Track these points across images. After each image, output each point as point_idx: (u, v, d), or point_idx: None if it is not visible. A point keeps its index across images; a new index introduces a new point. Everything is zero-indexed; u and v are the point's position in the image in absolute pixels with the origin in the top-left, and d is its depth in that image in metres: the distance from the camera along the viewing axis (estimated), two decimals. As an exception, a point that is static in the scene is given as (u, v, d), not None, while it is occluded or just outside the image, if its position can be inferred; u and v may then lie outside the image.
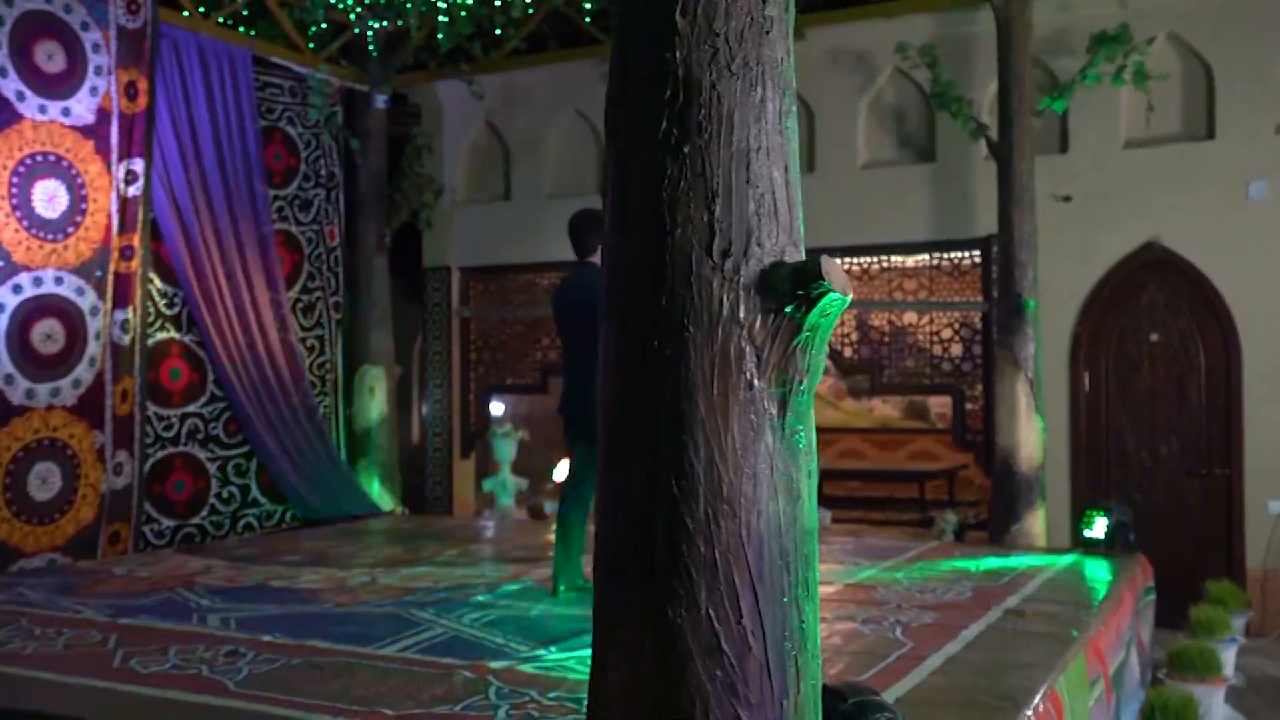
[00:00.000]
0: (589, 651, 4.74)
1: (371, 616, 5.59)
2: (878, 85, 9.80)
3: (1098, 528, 7.51)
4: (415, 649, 4.88)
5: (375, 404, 10.42)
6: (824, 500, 12.92)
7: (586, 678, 4.38)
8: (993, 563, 7.16)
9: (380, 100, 10.33)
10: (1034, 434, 8.08)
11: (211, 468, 9.10)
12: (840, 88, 9.90)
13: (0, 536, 7.51)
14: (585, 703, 4.10)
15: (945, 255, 9.63)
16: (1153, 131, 8.88)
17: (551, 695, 4.15)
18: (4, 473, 7.52)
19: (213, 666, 4.58)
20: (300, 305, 9.92)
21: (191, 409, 9.00)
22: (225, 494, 9.18)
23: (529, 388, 11.56)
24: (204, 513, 9.03)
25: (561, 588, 6.06)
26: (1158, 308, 8.81)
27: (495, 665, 4.57)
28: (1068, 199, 8.99)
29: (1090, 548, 7.56)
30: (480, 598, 6.07)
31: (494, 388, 11.69)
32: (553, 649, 4.87)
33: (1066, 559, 7.31)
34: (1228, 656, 6.32)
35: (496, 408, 13.50)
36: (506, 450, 11.36)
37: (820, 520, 8.55)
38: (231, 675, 4.44)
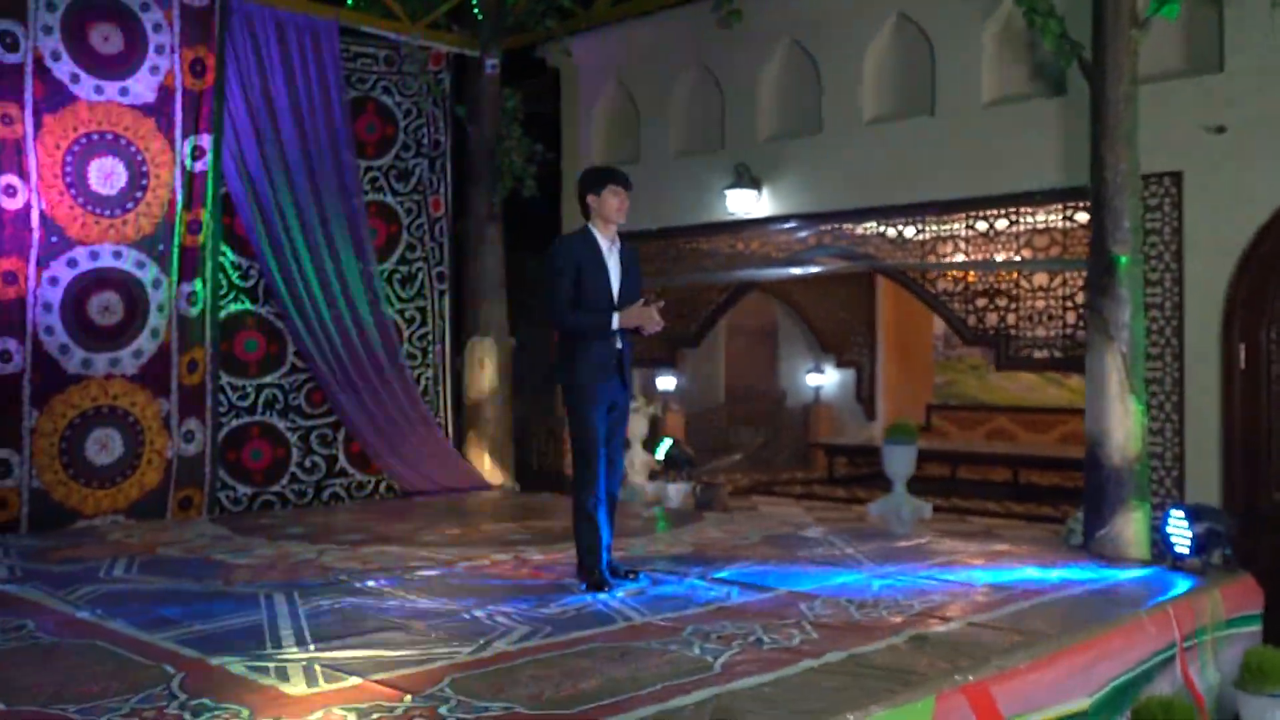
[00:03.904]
0: (339, 654, 4.27)
1: (229, 599, 5.31)
2: (1004, 8, 8.38)
3: (1182, 538, 6.01)
4: (186, 637, 4.54)
5: (485, 377, 10.19)
6: (997, 490, 11.44)
7: (276, 682, 3.90)
8: (1022, 574, 5.90)
9: (489, 65, 10.05)
10: (1128, 419, 6.58)
11: (292, 437, 9.20)
12: (961, 14, 8.57)
13: (57, 498, 7.91)
14: (224, 711, 3.63)
15: (1083, 204, 8.09)
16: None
17: (195, 701, 3.69)
18: (60, 438, 7.90)
19: (-31, 644, 4.47)
20: (398, 276, 9.85)
21: (269, 380, 9.13)
22: (308, 463, 9.27)
23: (656, 360, 10.96)
24: (284, 481, 9.15)
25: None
26: (1333, 262, 6.96)
27: (215, 662, 4.16)
28: (1221, 130, 7.28)
29: (1177, 562, 6.08)
30: (372, 583, 5.66)
31: (636, 360, 11.15)
32: (311, 646, 4.39)
33: (1125, 575, 5.92)
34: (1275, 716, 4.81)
35: (665, 382, 12.98)
36: (636, 427, 10.81)
37: (918, 513, 7.47)
38: (-36, 654, 4.31)
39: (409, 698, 3.72)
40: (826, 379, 14.45)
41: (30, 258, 7.78)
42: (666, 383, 13.05)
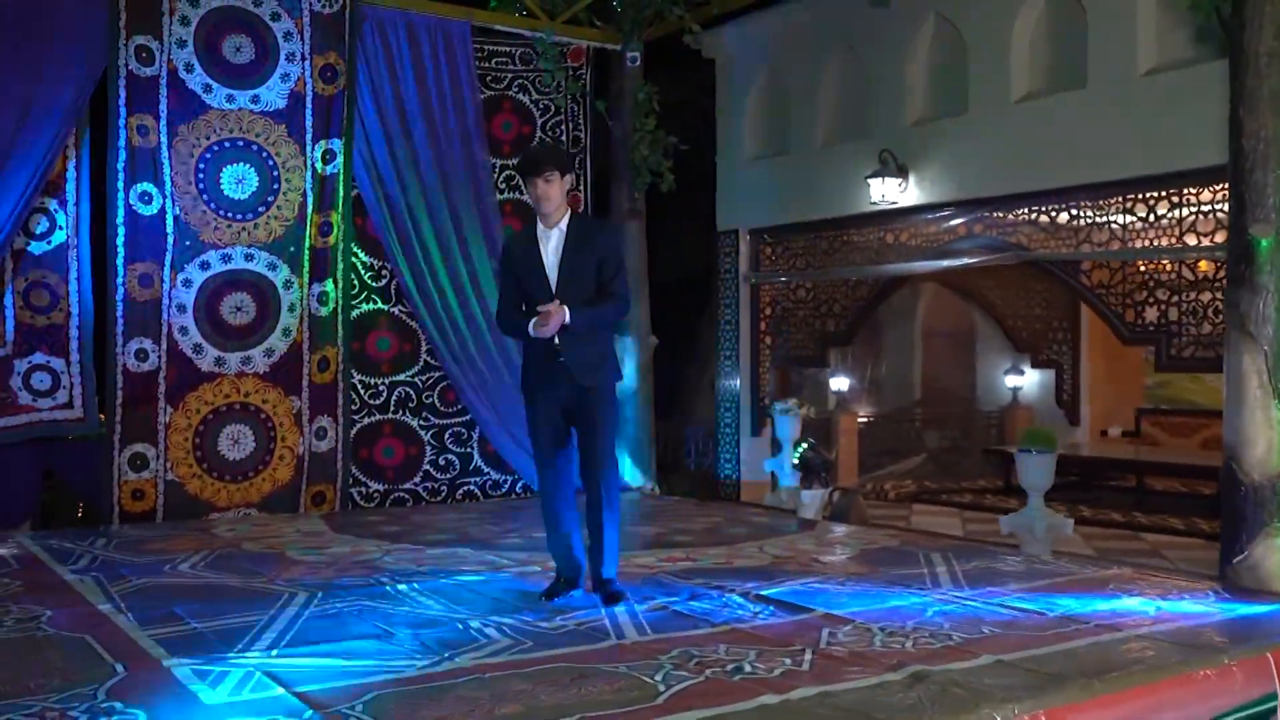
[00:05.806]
0: (294, 661, 4.15)
1: (252, 597, 5.32)
2: (1166, -37, 7.47)
3: (1318, 569, 5.11)
4: (172, 636, 4.55)
5: (626, 376, 9.97)
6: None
7: (205, 688, 3.82)
8: (1119, 605, 5.18)
9: (630, 58, 9.85)
10: (1271, 429, 5.67)
11: (425, 435, 9.28)
12: (1117, -26, 7.70)
13: (192, 491, 8.27)
14: (125, 716, 3.57)
15: (1255, 182, 7.07)
16: None
17: (107, 704, 3.65)
18: (194, 433, 8.25)
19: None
20: (534, 275, 9.77)
21: (401, 378, 9.23)
22: (441, 461, 9.33)
23: (809, 359, 10.44)
24: (417, 479, 9.24)
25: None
26: None
27: (167, 663, 4.13)
28: None
29: (1312, 597, 5.19)
30: (402, 586, 5.56)
31: (787, 359, 10.70)
32: (274, 651, 4.30)
33: (1253, 610, 5.10)
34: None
35: (838, 383, 12.43)
36: (788, 428, 10.34)
37: (1057, 529, 6.76)
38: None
39: (309, 713, 3.55)
40: (1025, 380, 13.43)
41: (165, 261, 8.15)
42: (839, 383, 12.49)
